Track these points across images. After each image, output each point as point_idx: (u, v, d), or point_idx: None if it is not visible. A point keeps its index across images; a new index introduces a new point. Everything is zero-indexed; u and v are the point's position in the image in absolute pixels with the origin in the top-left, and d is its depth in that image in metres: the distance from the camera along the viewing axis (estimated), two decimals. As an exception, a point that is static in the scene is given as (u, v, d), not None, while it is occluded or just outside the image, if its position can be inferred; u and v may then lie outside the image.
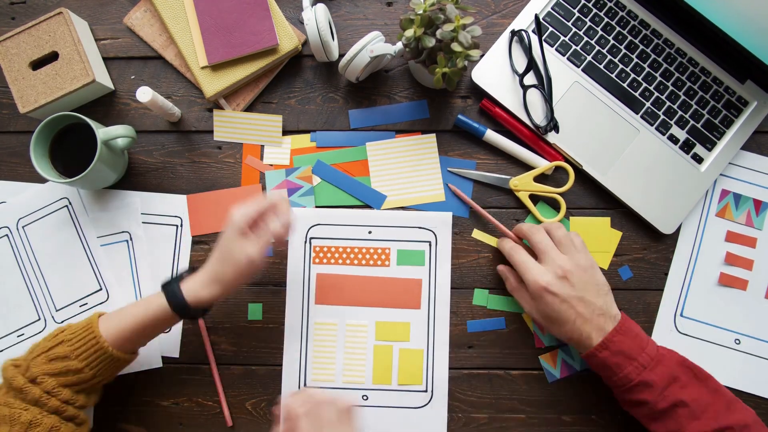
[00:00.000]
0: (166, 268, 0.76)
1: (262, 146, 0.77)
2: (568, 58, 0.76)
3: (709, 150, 0.75)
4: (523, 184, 0.75)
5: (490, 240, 0.76)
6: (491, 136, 0.76)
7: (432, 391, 0.73)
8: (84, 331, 0.61)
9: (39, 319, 0.75)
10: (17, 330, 0.75)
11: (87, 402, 0.63)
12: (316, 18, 0.70)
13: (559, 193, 0.75)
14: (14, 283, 0.75)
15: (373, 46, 0.69)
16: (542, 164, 0.76)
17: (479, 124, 0.76)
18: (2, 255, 0.76)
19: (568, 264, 0.65)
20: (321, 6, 0.72)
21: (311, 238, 0.76)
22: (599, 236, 0.76)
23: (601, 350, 0.63)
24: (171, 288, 0.63)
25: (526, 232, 0.70)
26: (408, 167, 0.77)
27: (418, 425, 0.72)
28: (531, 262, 0.67)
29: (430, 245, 0.75)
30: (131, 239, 0.76)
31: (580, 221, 0.76)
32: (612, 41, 0.77)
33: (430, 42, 0.66)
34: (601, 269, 0.75)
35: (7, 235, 0.76)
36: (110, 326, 0.62)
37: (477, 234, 0.76)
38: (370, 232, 0.75)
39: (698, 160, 0.75)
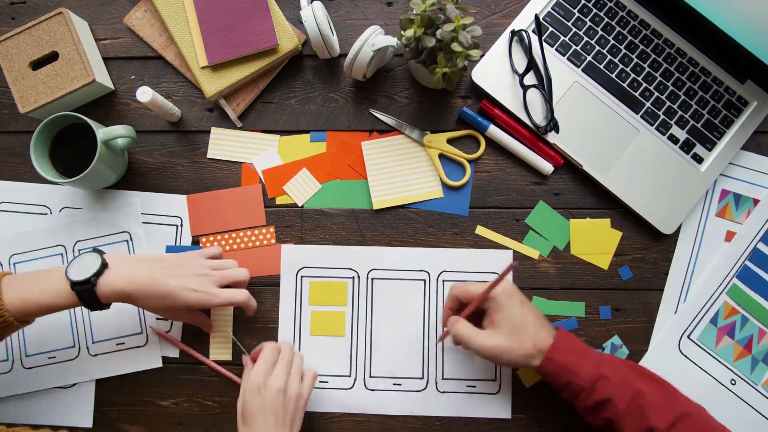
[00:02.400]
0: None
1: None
2: (568, 58, 0.76)
3: (709, 150, 0.75)
4: (436, 143, 0.76)
5: (494, 236, 0.76)
6: (494, 131, 0.76)
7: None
8: None
9: (74, 346, 0.75)
10: (49, 351, 0.75)
11: None
12: (315, 14, 0.70)
13: (468, 160, 0.76)
14: None
15: (374, 39, 0.70)
16: (543, 163, 0.76)
17: (483, 118, 0.76)
18: None
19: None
20: (318, 3, 0.72)
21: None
22: (599, 237, 0.76)
23: (555, 352, 0.62)
24: (85, 289, 0.61)
25: (465, 290, 0.67)
26: (405, 165, 0.77)
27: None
28: (486, 285, 0.64)
29: None
30: (131, 239, 0.76)
31: (580, 222, 0.76)
32: (612, 41, 0.77)
33: (430, 42, 0.66)
34: (602, 269, 0.75)
35: (61, 254, 0.76)
36: (15, 298, 0.60)
37: (480, 230, 0.76)
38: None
39: (698, 160, 0.75)
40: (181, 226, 0.77)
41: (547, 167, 0.76)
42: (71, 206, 0.77)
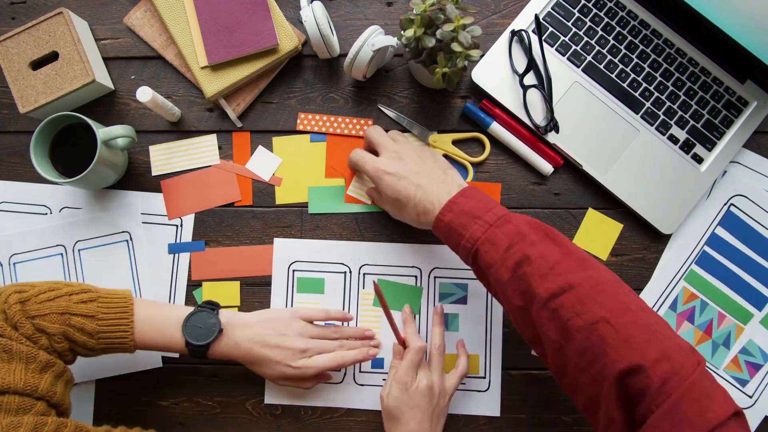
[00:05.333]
0: (167, 268, 0.76)
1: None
2: (568, 58, 0.76)
3: (709, 150, 0.75)
4: (441, 143, 0.76)
5: None
6: (496, 128, 0.76)
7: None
8: (118, 318, 0.61)
9: None
10: None
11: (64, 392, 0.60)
12: (315, 14, 0.70)
13: (471, 162, 0.76)
14: None
15: (374, 39, 0.70)
16: (543, 163, 0.76)
17: (486, 114, 0.76)
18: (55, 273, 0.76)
19: (400, 146, 0.68)
20: (318, 3, 0.72)
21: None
22: (600, 228, 0.76)
23: (446, 213, 0.61)
24: (198, 352, 0.64)
25: (367, 136, 0.71)
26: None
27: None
28: (367, 155, 0.69)
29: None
30: (131, 239, 0.76)
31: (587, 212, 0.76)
32: (612, 41, 0.77)
33: (430, 42, 0.66)
34: (602, 260, 0.75)
35: (61, 254, 0.76)
36: (142, 327, 0.63)
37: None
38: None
39: (698, 160, 0.75)
40: (181, 226, 0.77)
41: (547, 167, 0.76)
42: (71, 206, 0.77)
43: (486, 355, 0.74)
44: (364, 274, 0.76)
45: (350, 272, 0.76)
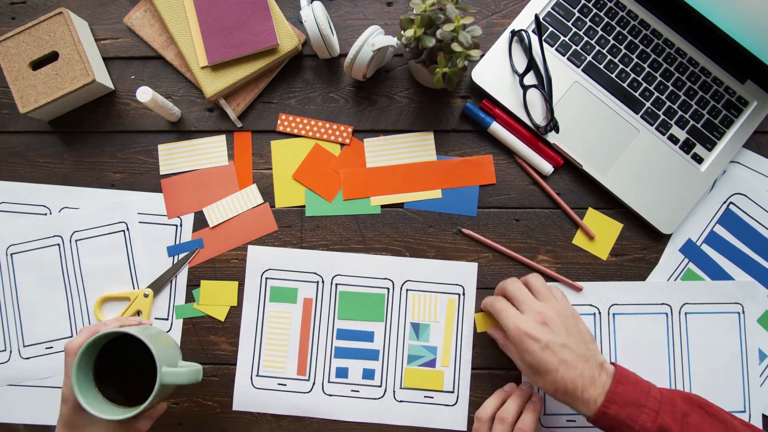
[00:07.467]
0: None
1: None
2: (568, 58, 0.76)
3: (709, 150, 0.75)
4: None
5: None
6: (496, 128, 0.76)
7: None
8: None
9: (71, 336, 0.75)
10: (47, 342, 0.75)
11: None
12: (315, 14, 0.70)
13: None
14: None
15: (374, 39, 0.70)
16: (543, 163, 0.76)
17: (486, 114, 0.76)
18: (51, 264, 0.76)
19: (547, 310, 0.64)
20: (318, 3, 0.72)
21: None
22: (600, 227, 0.76)
23: (610, 406, 0.59)
24: None
25: (501, 286, 0.69)
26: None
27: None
28: (511, 310, 0.65)
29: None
30: (128, 229, 0.76)
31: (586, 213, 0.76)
32: (612, 41, 0.77)
33: (430, 42, 0.66)
34: (602, 272, 0.75)
35: (58, 244, 0.76)
36: None
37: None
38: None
39: (698, 160, 0.75)
40: (181, 225, 0.77)
41: (547, 167, 0.76)
42: (71, 206, 0.77)
43: (455, 370, 0.74)
44: (336, 284, 0.75)
45: (323, 282, 0.75)
